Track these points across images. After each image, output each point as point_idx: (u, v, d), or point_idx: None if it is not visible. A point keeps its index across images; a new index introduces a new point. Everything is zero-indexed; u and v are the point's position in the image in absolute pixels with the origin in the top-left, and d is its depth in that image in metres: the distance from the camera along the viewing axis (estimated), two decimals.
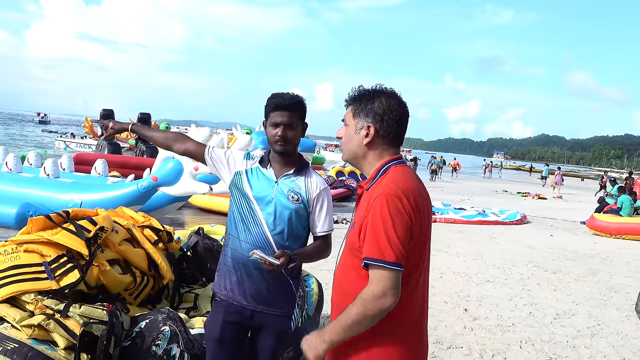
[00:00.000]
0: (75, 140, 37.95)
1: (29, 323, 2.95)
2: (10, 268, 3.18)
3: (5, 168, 12.20)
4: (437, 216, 14.73)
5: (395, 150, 2.06)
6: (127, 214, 4.26)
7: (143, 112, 25.58)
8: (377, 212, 1.86)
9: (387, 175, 1.97)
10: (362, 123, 2.03)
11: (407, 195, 1.89)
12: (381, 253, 1.82)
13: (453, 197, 22.04)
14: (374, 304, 1.81)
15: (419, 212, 1.92)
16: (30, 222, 3.54)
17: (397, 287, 1.83)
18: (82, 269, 3.31)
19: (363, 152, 2.06)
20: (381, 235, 1.84)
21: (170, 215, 12.00)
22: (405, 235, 1.86)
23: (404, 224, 1.86)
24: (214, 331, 2.70)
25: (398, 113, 2.01)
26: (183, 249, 4.37)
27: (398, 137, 2.04)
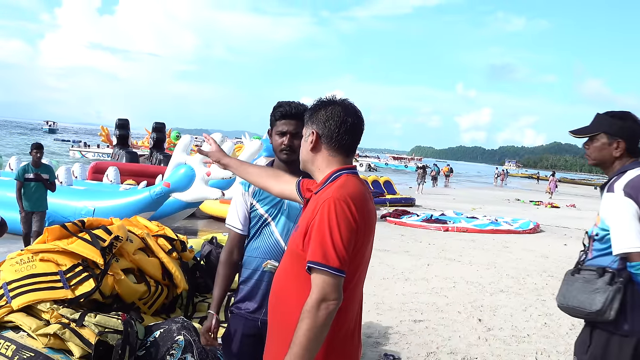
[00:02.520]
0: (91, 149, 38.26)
1: (44, 332, 2.96)
2: (26, 277, 3.20)
3: None
4: (449, 225, 14.65)
5: (344, 158, 2.07)
6: (142, 223, 4.28)
7: (158, 121, 25.67)
8: (324, 216, 1.87)
9: (337, 182, 1.98)
10: (308, 131, 2.09)
11: (355, 201, 1.90)
12: (325, 258, 1.82)
13: (465, 205, 21.94)
14: (319, 312, 1.81)
15: (365, 219, 1.93)
16: (46, 231, 3.57)
17: (339, 292, 1.83)
18: (97, 278, 3.32)
19: (310, 158, 2.09)
20: (326, 239, 1.84)
21: (183, 224, 12.06)
22: (350, 241, 1.86)
23: (349, 229, 1.86)
24: (234, 345, 2.64)
25: (340, 119, 2.03)
26: (196, 258, 4.37)
27: (344, 145, 2.06)
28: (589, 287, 2.57)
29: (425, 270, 9.07)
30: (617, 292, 2.47)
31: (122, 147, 25.71)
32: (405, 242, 12.00)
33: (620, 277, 2.48)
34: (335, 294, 1.82)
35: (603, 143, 2.70)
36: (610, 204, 2.56)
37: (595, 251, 2.67)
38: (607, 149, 2.70)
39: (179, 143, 10.24)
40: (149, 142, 27.44)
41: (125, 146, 26.01)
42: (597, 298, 2.52)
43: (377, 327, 5.81)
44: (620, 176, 2.60)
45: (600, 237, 2.63)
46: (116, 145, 26.29)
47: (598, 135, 2.72)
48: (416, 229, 14.39)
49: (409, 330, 5.77)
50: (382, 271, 8.68)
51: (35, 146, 8.36)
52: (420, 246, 11.62)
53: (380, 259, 9.56)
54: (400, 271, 8.81)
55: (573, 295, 2.65)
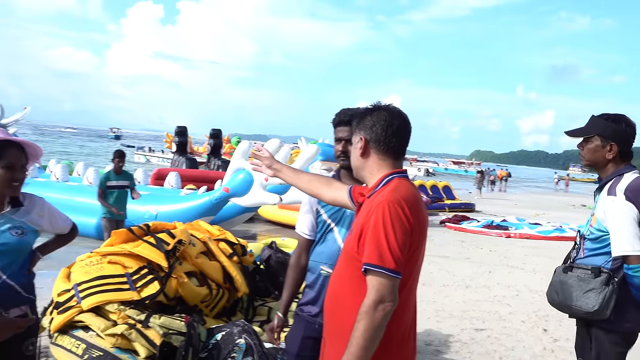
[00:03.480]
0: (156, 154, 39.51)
1: (112, 332, 3.06)
2: (95, 278, 3.32)
3: (85, 182, 12.91)
4: (511, 231, 14.27)
5: (394, 162, 2.09)
6: (203, 227, 4.37)
7: (214, 127, 26.25)
8: (378, 219, 1.89)
9: (389, 185, 2.01)
10: (357, 138, 2.13)
11: (408, 204, 1.93)
12: (381, 259, 1.84)
13: (527, 211, 21.31)
14: (376, 314, 1.82)
15: (418, 221, 1.95)
16: (114, 235, 3.70)
17: (395, 294, 1.85)
18: (162, 281, 3.41)
19: (361, 164, 2.12)
20: (382, 241, 1.86)
21: (242, 228, 12.23)
22: (405, 243, 1.88)
23: (404, 231, 1.88)
24: (293, 346, 2.73)
25: (386, 123, 2.05)
26: (256, 262, 4.42)
27: (392, 148, 2.08)
28: (585, 286, 2.66)
29: (487, 277, 8.85)
30: (614, 292, 2.57)
31: (181, 153, 26.37)
32: (465, 249, 11.77)
33: (616, 277, 2.59)
34: (392, 295, 1.84)
35: (597, 145, 2.77)
36: (611, 207, 2.61)
37: (588, 250, 2.76)
38: (600, 151, 2.76)
39: (238, 148, 10.42)
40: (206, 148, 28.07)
41: (184, 153, 26.66)
42: (593, 297, 2.61)
43: (437, 334, 5.71)
44: (619, 179, 2.66)
45: (594, 237, 2.72)
46: (176, 152, 26.98)
47: (592, 138, 2.78)
48: (476, 235, 14.10)
49: (470, 339, 5.64)
50: (441, 278, 8.53)
51: (118, 154, 8.25)
52: (481, 253, 11.36)
53: (439, 265, 9.41)
54: (461, 278, 8.63)
55: (568, 293, 2.73)
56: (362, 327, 1.82)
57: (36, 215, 2.68)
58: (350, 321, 1.88)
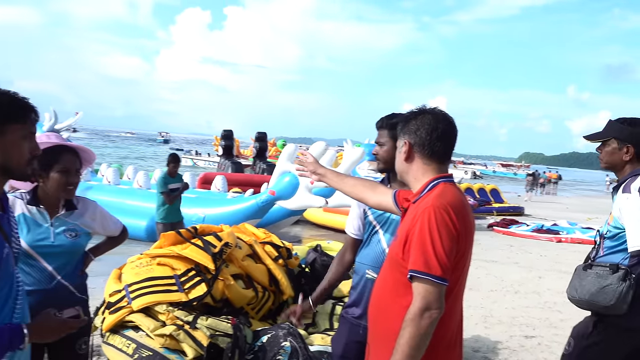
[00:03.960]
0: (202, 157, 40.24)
1: (161, 332, 3.12)
2: (145, 280, 3.40)
3: (136, 185, 13.23)
4: (562, 235, 13.88)
5: (439, 166, 2.06)
6: (249, 230, 4.42)
7: (260, 131, 26.44)
8: (424, 225, 1.86)
9: (434, 190, 1.98)
10: (401, 142, 2.11)
11: (455, 209, 1.90)
12: (427, 266, 1.82)
13: (579, 215, 20.66)
14: (422, 321, 1.80)
15: (465, 227, 1.92)
16: (163, 237, 3.78)
17: (441, 301, 1.82)
18: (209, 283, 3.47)
19: (406, 168, 2.10)
20: (428, 247, 1.83)
21: (287, 231, 12.31)
22: (452, 249, 1.85)
23: (450, 237, 1.85)
24: (338, 348, 2.77)
25: (431, 126, 2.03)
26: (301, 265, 4.43)
27: (437, 152, 2.05)
28: (602, 282, 2.72)
29: (537, 282, 8.63)
30: (630, 287, 2.62)
31: (227, 157, 26.67)
32: (514, 253, 11.51)
33: (634, 273, 2.65)
34: (438, 302, 1.82)
35: (614, 148, 2.86)
36: (626, 204, 2.68)
37: (607, 248, 2.83)
38: (617, 154, 2.86)
39: (284, 152, 10.49)
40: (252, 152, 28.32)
41: (230, 156, 26.95)
42: (610, 293, 2.66)
43: (485, 341, 5.60)
44: (635, 178, 2.72)
45: (611, 235, 2.79)
46: (222, 155, 27.30)
47: (609, 141, 2.88)
48: (526, 240, 13.76)
49: (519, 346, 5.51)
50: (489, 283, 8.36)
51: (173, 158, 8.25)
52: (531, 257, 11.08)
53: (487, 270, 9.23)
54: (509, 283, 8.44)
55: (586, 289, 2.79)
56: (408, 334, 1.81)
57: (89, 218, 2.77)
58: (394, 327, 1.87)
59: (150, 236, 9.56)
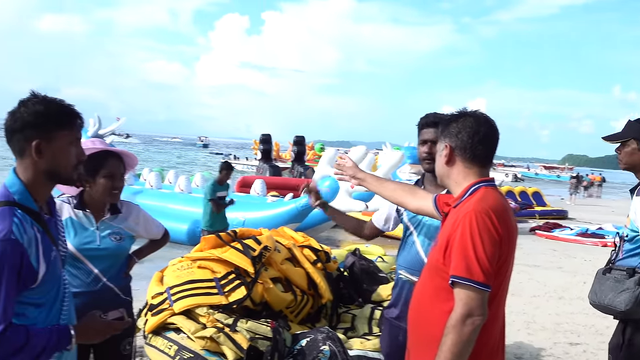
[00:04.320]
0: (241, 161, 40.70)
1: (202, 335, 3.17)
2: (186, 282, 3.45)
3: (177, 189, 13.45)
4: (607, 240, 13.48)
5: (480, 170, 2.03)
6: (288, 234, 4.44)
7: (298, 135, 26.52)
8: (465, 230, 1.83)
9: (476, 194, 1.94)
10: (442, 145, 2.08)
11: (497, 214, 1.86)
12: (469, 272, 1.79)
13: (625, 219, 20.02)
14: (465, 328, 1.78)
15: (507, 232, 1.89)
16: (203, 240, 3.85)
17: (484, 307, 1.80)
18: (248, 286, 3.50)
19: (446, 172, 2.07)
20: (469, 253, 1.80)
21: (325, 235, 12.31)
22: (494, 255, 1.82)
23: (493, 242, 1.82)
24: (384, 348, 2.85)
25: (473, 130, 1.99)
26: (340, 269, 4.43)
27: (478, 156, 2.01)
28: (620, 287, 2.74)
29: (582, 288, 8.39)
30: None
31: (266, 160, 26.87)
32: (557, 258, 11.24)
33: None
34: (481, 309, 1.79)
35: (633, 148, 2.87)
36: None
37: (625, 251, 2.85)
38: (637, 154, 2.87)
39: (324, 156, 10.49)
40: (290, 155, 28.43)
41: (268, 160, 27.14)
42: (626, 297, 2.68)
43: (528, 347, 5.48)
44: None
45: (629, 238, 2.81)
46: (260, 159, 27.52)
47: (629, 141, 2.89)
48: (569, 244, 13.43)
49: (564, 354, 5.37)
50: (532, 288, 8.19)
51: (227, 166, 8.26)
52: (575, 262, 10.81)
53: (529, 275, 9.04)
54: (553, 289, 8.25)
55: (605, 294, 2.81)
56: (450, 341, 1.78)
57: (132, 221, 2.83)
58: (435, 333, 1.85)
59: (191, 239, 9.71)
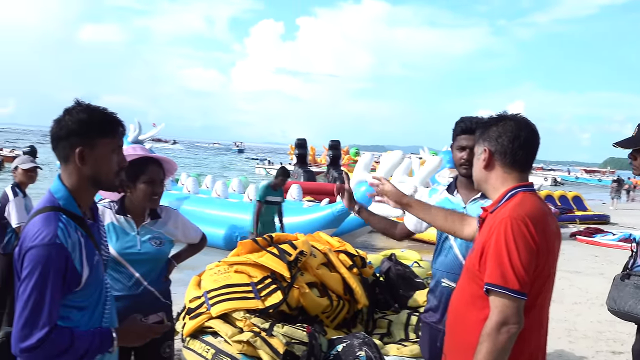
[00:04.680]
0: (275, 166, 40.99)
1: (239, 339, 3.20)
2: (223, 287, 3.49)
3: (214, 194, 13.57)
4: None
5: (519, 175, 1.98)
6: (324, 239, 4.45)
7: (333, 139, 26.60)
8: (500, 236, 1.80)
9: (513, 200, 1.90)
10: (480, 149, 2.04)
11: (534, 221, 1.82)
12: (504, 279, 1.76)
13: None
14: (500, 336, 1.75)
15: (545, 239, 1.84)
16: (240, 245, 3.88)
17: (519, 316, 1.76)
18: (285, 291, 3.52)
19: (484, 176, 2.04)
20: (504, 260, 1.77)
21: (361, 240, 12.28)
22: (530, 262, 1.78)
23: (528, 250, 1.78)
24: (425, 352, 2.82)
25: (513, 134, 1.95)
26: (376, 274, 4.42)
27: (518, 161, 1.97)
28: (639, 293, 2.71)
29: None
30: None
31: (301, 165, 26.96)
32: (599, 264, 10.94)
33: None
34: (516, 317, 1.76)
35: None
36: None
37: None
38: None
39: (360, 161, 10.46)
40: (325, 160, 28.43)
41: (304, 164, 27.23)
42: None
43: (569, 356, 5.35)
44: None
45: None
46: (295, 164, 27.63)
47: None
48: (612, 250, 13.04)
49: None
50: (572, 295, 7.99)
51: (283, 172, 8.18)
52: (617, 268, 10.37)
53: (570, 282, 8.82)
54: (595, 295, 8.03)
55: (625, 300, 2.79)
56: (485, 349, 1.76)
57: (172, 226, 2.88)
58: (472, 340, 1.83)
59: (228, 244, 9.80)
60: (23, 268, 1.64)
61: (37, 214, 1.72)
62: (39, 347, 1.61)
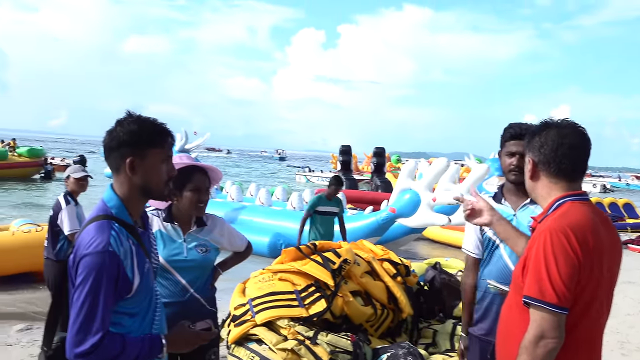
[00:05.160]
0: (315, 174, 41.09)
1: (283, 347, 3.21)
2: (268, 294, 3.51)
3: (258, 202, 13.67)
4: None
5: (567, 184, 1.92)
6: (367, 247, 4.43)
7: (378, 146, 26.46)
8: (540, 249, 1.76)
9: (559, 210, 1.86)
10: (527, 159, 2.02)
11: (576, 233, 1.75)
12: (541, 293, 1.73)
13: None
14: (537, 350, 1.71)
15: (590, 252, 1.76)
16: (284, 253, 3.90)
17: (558, 330, 1.71)
18: (328, 299, 3.51)
19: (532, 187, 2.01)
20: (542, 273, 1.73)
21: (404, 248, 12.16)
22: (570, 276, 1.72)
23: (569, 263, 1.72)
24: None
25: (556, 143, 1.90)
26: (420, 283, 4.37)
27: (564, 169, 1.90)
28: None
29: None
30: None
31: (344, 172, 26.91)
32: None
33: None
34: (555, 331, 1.71)
35: None
36: None
37: None
38: None
39: (404, 168, 10.34)
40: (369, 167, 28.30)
41: (348, 172, 27.15)
42: None
43: None
44: None
45: None
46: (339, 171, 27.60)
47: None
48: None
49: None
50: (626, 306, 7.71)
51: (336, 180, 7.86)
52: None
53: (623, 293, 8.51)
54: None
55: None
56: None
57: (217, 234, 2.92)
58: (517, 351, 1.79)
59: (273, 252, 9.85)
60: (77, 275, 1.69)
61: (91, 222, 1.77)
62: (93, 353, 1.65)
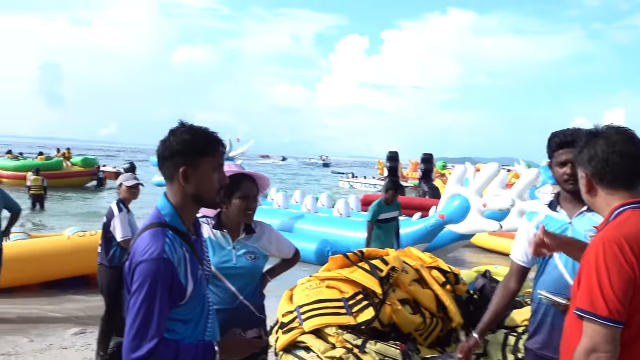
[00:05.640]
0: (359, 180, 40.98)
1: (331, 355, 3.20)
2: (316, 302, 3.51)
3: (304, 208, 13.71)
4: None
5: (625, 192, 1.84)
6: (415, 255, 4.37)
7: (425, 152, 26.16)
8: (591, 259, 1.71)
9: (616, 219, 1.79)
10: (580, 172, 1.95)
11: (631, 243, 1.68)
12: (592, 305, 1.67)
13: None
14: None
15: None
16: (331, 260, 3.90)
17: (611, 344, 1.65)
18: (376, 307, 3.49)
19: (589, 200, 1.95)
20: (594, 285, 1.67)
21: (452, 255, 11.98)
22: (624, 288, 1.65)
23: (622, 275, 1.65)
24: None
25: (605, 154, 1.83)
26: (469, 291, 4.29)
27: (620, 178, 1.83)
28: None
29: None
30: None
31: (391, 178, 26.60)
32: None
33: None
34: (608, 345, 1.65)
35: None
36: None
37: None
38: None
39: (453, 174, 10.19)
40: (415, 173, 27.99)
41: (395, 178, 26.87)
42: None
43: None
44: None
45: None
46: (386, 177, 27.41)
47: None
48: None
49: None
50: None
51: (393, 184, 7.81)
52: None
53: None
54: None
55: None
56: None
57: (266, 241, 2.94)
58: None
59: (320, 259, 9.84)
60: (133, 282, 1.73)
61: (146, 229, 1.81)
62: (149, 358, 1.69)
